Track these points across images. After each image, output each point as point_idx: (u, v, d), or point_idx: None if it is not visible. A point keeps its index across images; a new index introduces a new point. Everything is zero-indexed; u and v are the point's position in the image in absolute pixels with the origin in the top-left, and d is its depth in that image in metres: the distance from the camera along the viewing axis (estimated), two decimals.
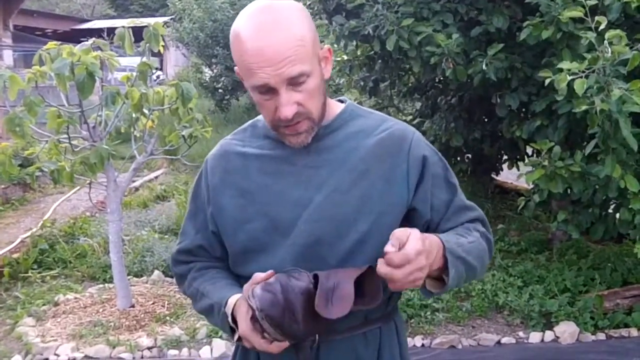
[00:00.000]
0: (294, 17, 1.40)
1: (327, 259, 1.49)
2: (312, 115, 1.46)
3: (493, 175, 7.36)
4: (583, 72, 3.49)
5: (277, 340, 1.40)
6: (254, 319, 1.38)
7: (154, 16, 27.68)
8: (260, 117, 1.63)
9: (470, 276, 1.53)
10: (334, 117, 1.58)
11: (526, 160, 6.32)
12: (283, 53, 1.36)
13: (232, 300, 1.51)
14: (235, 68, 1.46)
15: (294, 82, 1.39)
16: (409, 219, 1.55)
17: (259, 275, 1.43)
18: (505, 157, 6.80)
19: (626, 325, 4.41)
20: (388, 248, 1.28)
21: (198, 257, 1.70)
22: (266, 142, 1.60)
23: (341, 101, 1.65)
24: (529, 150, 6.30)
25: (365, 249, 1.49)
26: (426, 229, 1.56)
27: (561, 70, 3.53)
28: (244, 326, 1.42)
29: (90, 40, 4.15)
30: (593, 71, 3.46)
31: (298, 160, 1.55)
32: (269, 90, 1.40)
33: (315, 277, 1.41)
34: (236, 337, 1.49)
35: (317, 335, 1.49)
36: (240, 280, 1.60)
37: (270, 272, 1.43)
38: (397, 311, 1.70)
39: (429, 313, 4.61)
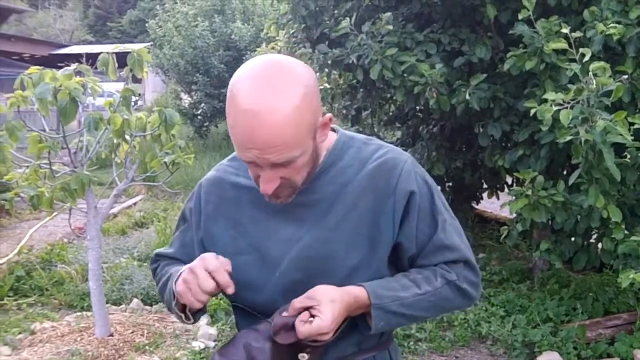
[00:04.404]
0: (296, 91, 1.32)
1: None
2: (296, 185, 1.44)
3: (473, 204, 7.38)
4: (568, 103, 3.52)
5: None
6: None
7: (132, 42, 27.71)
8: None
9: (419, 321, 1.59)
10: (326, 153, 1.54)
11: (506, 190, 6.36)
12: (273, 140, 1.30)
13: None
14: None
15: (281, 164, 1.36)
16: (395, 253, 1.54)
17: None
18: (485, 186, 6.82)
19: (609, 356, 4.41)
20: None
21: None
22: None
23: (333, 129, 1.60)
24: (509, 180, 6.36)
25: (353, 284, 1.47)
26: (410, 262, 1.56)
27: (546, 101, 3.56)
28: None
29: (74, 65, 4.12)
30: (578, 102, 3.50)
31: None
32: (255, 165, 1.38)
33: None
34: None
35: None
36: (232, 307, 1.61)
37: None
38: (392, 340, 1.68)
39: (411, 343, 4.58)
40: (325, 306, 1.37)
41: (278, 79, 1.31)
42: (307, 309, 1.38)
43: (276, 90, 1.30)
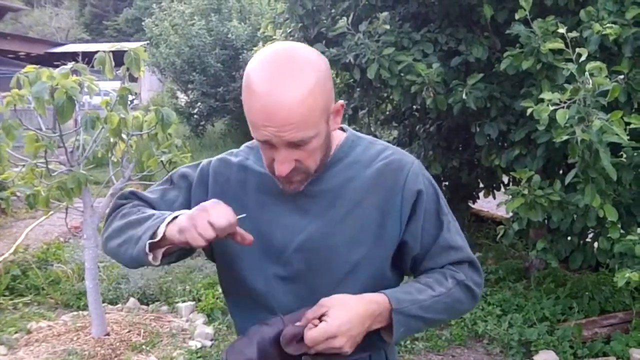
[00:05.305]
0: (310, 74, 1.35)
1: (319, 287, 1.49)
2: (310, 170, 1.46)
3: (469, 204, 7.39)
4: (564, 102, 3.54)
5: None
6: None
7: (128, 41, 27.68)
8: None
9: (434, 325, 1.56)
10: (335, 149, 1.56)
11: (502, 189, 6.37)
12: (289, 118, 1.33)
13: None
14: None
15: (296, 145, 1.38)
16: (399, 252, 1.55)
17: None
18: (481, 185, 6.83)
19: (605, 354, 4.42)
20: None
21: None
22: None
23: (342, 129, 1.63)
24: (505, 179, 6.36)
25: (356, 280, 1.49)
26: (413, 262, 1.57)
27: (542, 100, 3.57)
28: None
29: (70, 64, 4.11)
30: (574, 102, 3.51)
31: None
32: (271, 146, 1.39)
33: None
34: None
35: None
36: (226, 296, 1.64)
37: None
38: None
39: (408, 342, 4.58)
40: (334, 310, 1.38)
41: (292, 64, 1.35)
42: (320, 317, 1.39)
43: (291, 74, 1.33)
